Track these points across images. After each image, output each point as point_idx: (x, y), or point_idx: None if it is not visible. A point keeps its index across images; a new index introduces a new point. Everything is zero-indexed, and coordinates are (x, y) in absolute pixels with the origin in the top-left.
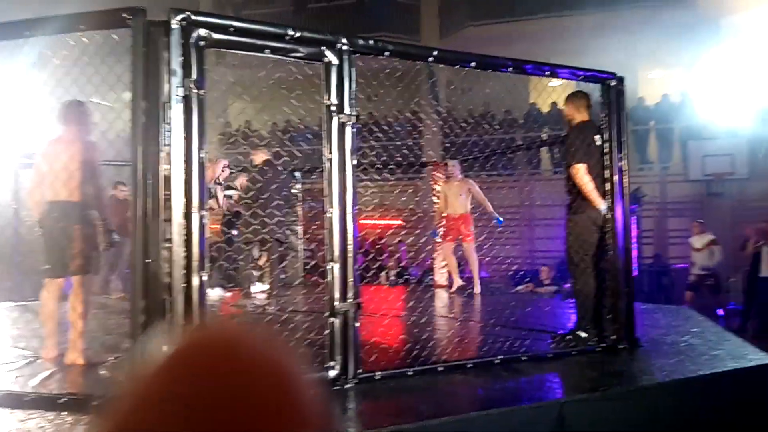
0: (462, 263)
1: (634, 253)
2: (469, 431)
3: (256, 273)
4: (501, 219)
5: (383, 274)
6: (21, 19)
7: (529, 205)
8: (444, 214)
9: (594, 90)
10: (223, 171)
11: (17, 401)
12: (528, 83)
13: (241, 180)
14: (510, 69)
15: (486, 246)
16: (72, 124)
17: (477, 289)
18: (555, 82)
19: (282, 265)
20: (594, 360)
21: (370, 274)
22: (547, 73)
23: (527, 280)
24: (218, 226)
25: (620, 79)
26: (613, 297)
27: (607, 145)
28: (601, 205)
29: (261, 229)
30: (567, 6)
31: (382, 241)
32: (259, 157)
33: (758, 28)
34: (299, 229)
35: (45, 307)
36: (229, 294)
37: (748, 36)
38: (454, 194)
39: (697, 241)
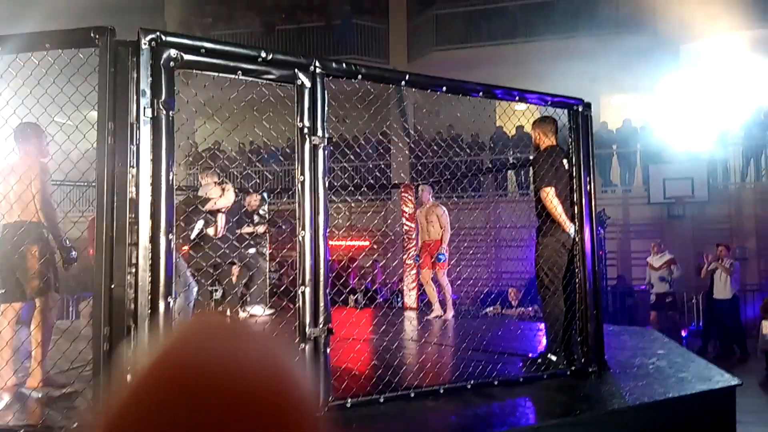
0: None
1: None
2: None
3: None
4: (443, 256)
5: (351, 296)
6: None
7: (496, 226)
8: (419, 242)
9: (561, 115)
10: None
11: None
12: (495, 107)
13: (252, 199)
14: (480, 94)
15: (456, 269)
16: (24, 145)
17: (449, 314)
18: (521, 106)
19: (251, 289)
20: (564, 384)
21: (341, 298)
22: (516, 98)
23: (496, 302)
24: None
25: (587, 105)
26: (582, 320)
27: (574, 168)
28: (570, 228)
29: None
30: (529, 32)
31: (354, 264)
32: (207, 180)
33: (715, 55)
34: (267, 251)
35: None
36: (270, 311)
37: (706, 62)
38: (425, 220)
39: (656, 260)
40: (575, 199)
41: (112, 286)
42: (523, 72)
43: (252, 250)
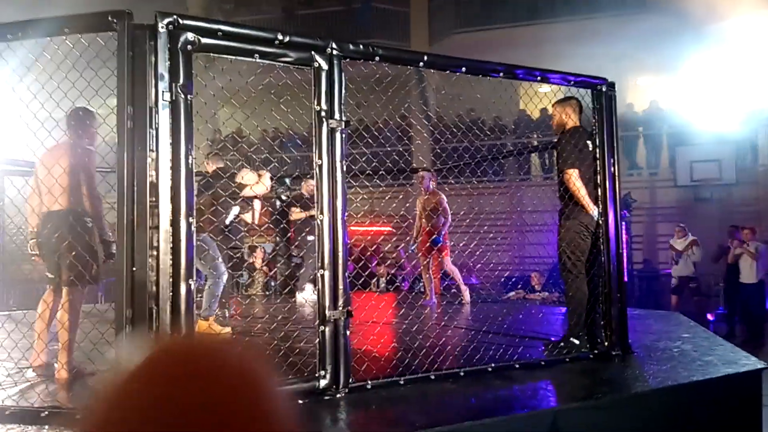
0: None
1: (625, 259)
2: None
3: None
4: (439, 239)
5: (373, 281)
6: (4, 22)
7: (519, 210)
8: (416, 232)
9: (585, 96)
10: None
11: None
12: (518, 89)
13: (309, 185)
14: (501, 74)
15: (477, 252)
16: (72, 131)
17: (466, 298)
18: (545, 88)
19: (272, 272)
20: (587, 367)
21: (360, 281)
22: (538, 78)
23: (519, 286)
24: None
25: (611, 85)
26: (605, 303)
27: (598, 150)
28: (593, 210)
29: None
30: (553, 13)
31: (374, 249)
32: (211, 166)
33: (743, 35)
34: (289, 236)
35: (42, 315)
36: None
37: (733, 42)
38: (425, 207)
39: (679, 243)
40: (599, 182)
41: (134, 269)
42: (546, 54)
43: (311, 237)
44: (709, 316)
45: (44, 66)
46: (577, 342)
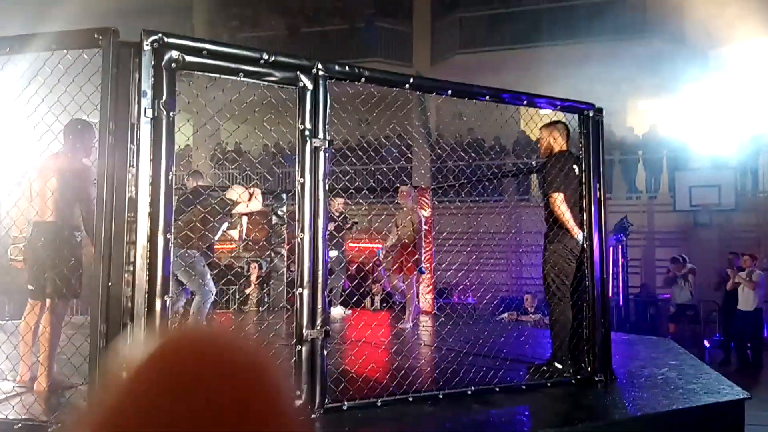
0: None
1: (621, 283)
2: None
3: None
4: (424, 269)
5: (368, 299)
6: None
7: (517, 231)
8: (389, 245)
9: (572, 120)
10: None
11: None
12: (519, 110)
13: (337, 202)
14: (487, 98)
15: (474, 271)
16: (69, 142)
17: (408, 324)
18: (546, 110)
19: (265, 289)
20: (568, 392)
21: (353, 299)
22: (524, 102)
23: (512, 307)
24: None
25: (598, 110)
26: (589, 328)
27: (583, 174)
28: (578, 234)
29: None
30: (555, 36)
31: (367, 267)
32: (191, 183)
33: (744, 60)
34: (284, 251)
35: (25, 329)
36: (349, 312)
37: (734, 67)
38: (402, 222)
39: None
40: (584, 206)
41: (110, 284)
42: (547, 76)
43: (334, 253)
44: (706, 343)
45: (30, 80)
46: (559, 366)
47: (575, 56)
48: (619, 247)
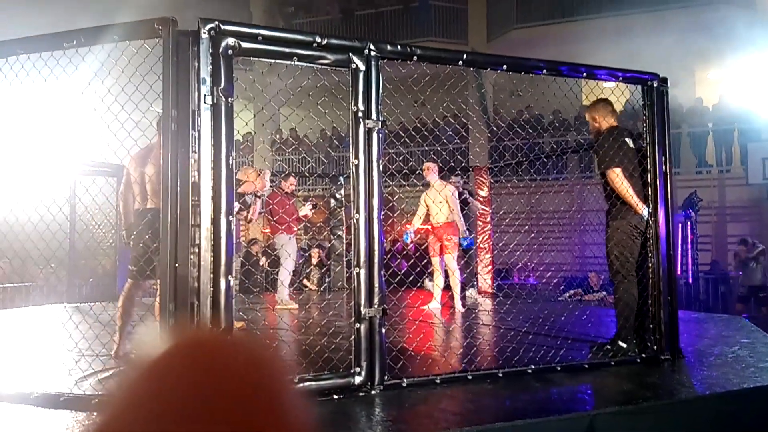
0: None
1: (690, 260)
2: None
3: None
4: (470, 241)
5: (428, 280)
6: (59, 31)
7: (579, 209)
8: (416, 227)
9: (634, 92)
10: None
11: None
12: (580, 84)
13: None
14: (544, 71)
15: (532, 251)
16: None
17: (459, 307)
18: (609, 83)
19: (324, 269)
20: (633, 371)
21: (409, 279)
22: (584, 74)
23: (575, 286)
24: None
25: (663, 80)
26: (654, 306)
27: (648, 147)
28: (643, 210)
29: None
30: (619, 6)
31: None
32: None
33: None
34: (343, 234)
35: (123, 306)
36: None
37: None
38: (432, 201)
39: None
40: (649, 180)
41: (177, 265)
42: (611, 48)
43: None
44: None
45: (96, 72)
46: (624, 345)
47: (639, 26)
48: (688, 223)
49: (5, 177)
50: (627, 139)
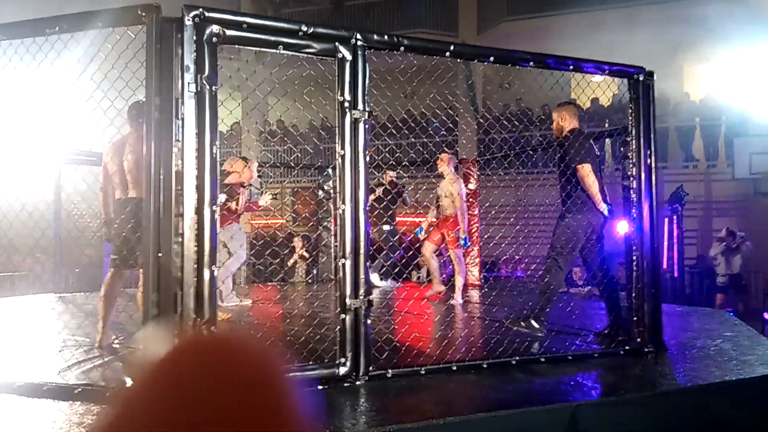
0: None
1: (676, 254)
2: None
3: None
4: (466, 242)
5: (415, 272)
6: (42, 17)
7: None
8: (430, 220)
9: (621, 85)
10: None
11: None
12: (569, 78)
13: (389, 175)
14: (530, 63)
15: (518, 244)
16: (135, 122)
17: (458, 299)
18: (597, 77)
19: (309, 260)
20: (616, 363)
21: (395, 271)
22: (570, 67)
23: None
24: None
25: (649, 74)
26: (638, 299)
27: (633, 141)
28: (603, 207)
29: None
30: (608, 0)
31: (410, 239)
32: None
33: None
34: (331, 225)
35: (105, 296)
36: (398, 284)
37: None
38: (442, 193)
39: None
40: (634, 174)
41: (159, 255)
42: (600, 42)
43: (387, 227)
44: (766, 315)
45: (78, 59)
46: (537, 325)
47: (628, 20)
48: (674, 217)
49: None
50: (591, 141)
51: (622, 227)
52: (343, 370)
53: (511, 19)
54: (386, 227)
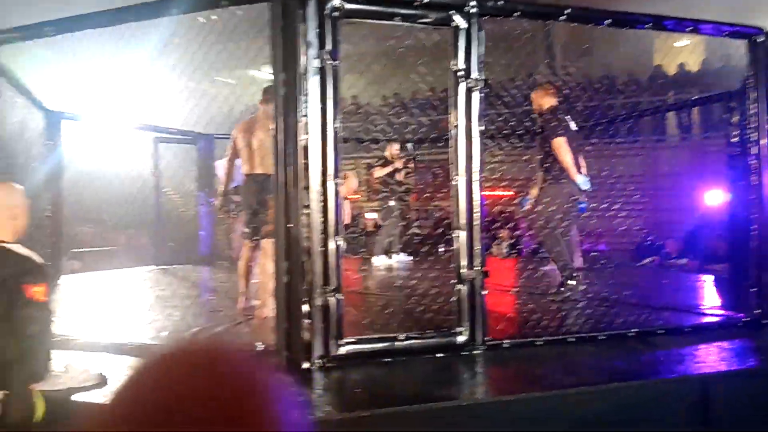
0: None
1: None
2: (608, 402)
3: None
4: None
5: (495, 246)
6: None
7: (652, 173)
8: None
9: (740, 47)
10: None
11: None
12: (652, 45)
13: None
14: (648, 25)
15: (605, 216)
16: (268, 104)
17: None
18: (681, 42)
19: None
20: (736, 334)
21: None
22: (688, 29)
23: (651, 253)
24: None
25: None
26: (756, 269)
27: (753, 106)
28: (578, 177)
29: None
30: None
31: (495, 212)
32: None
33: None
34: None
35: (240, 266)
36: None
37: None
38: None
39: None
40: (754, 140)
41: (289, 225)
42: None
43: (392, 203)
44: None
45: (204, 37)
46: (573, 283)
47: None
48: None
49: (91, 146)
50: (567, 117)
51: (712, 198)
52: (460, 339)
53: None
54: (391, 203)
